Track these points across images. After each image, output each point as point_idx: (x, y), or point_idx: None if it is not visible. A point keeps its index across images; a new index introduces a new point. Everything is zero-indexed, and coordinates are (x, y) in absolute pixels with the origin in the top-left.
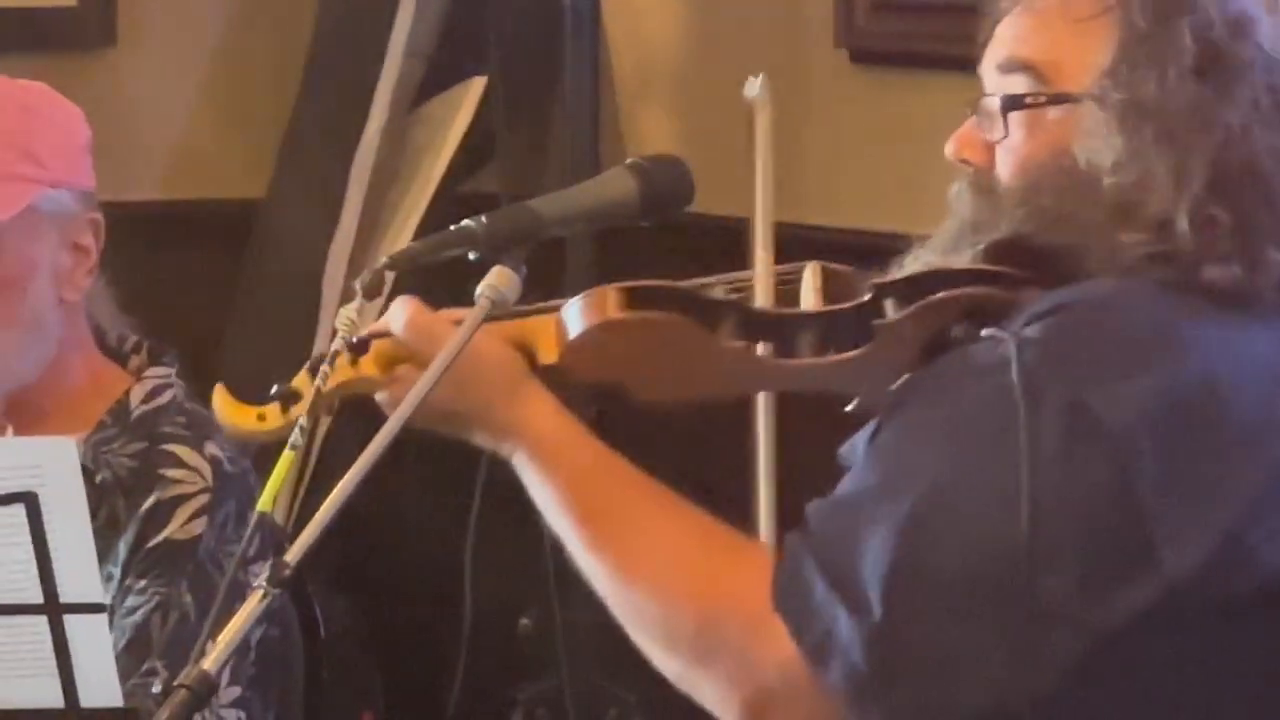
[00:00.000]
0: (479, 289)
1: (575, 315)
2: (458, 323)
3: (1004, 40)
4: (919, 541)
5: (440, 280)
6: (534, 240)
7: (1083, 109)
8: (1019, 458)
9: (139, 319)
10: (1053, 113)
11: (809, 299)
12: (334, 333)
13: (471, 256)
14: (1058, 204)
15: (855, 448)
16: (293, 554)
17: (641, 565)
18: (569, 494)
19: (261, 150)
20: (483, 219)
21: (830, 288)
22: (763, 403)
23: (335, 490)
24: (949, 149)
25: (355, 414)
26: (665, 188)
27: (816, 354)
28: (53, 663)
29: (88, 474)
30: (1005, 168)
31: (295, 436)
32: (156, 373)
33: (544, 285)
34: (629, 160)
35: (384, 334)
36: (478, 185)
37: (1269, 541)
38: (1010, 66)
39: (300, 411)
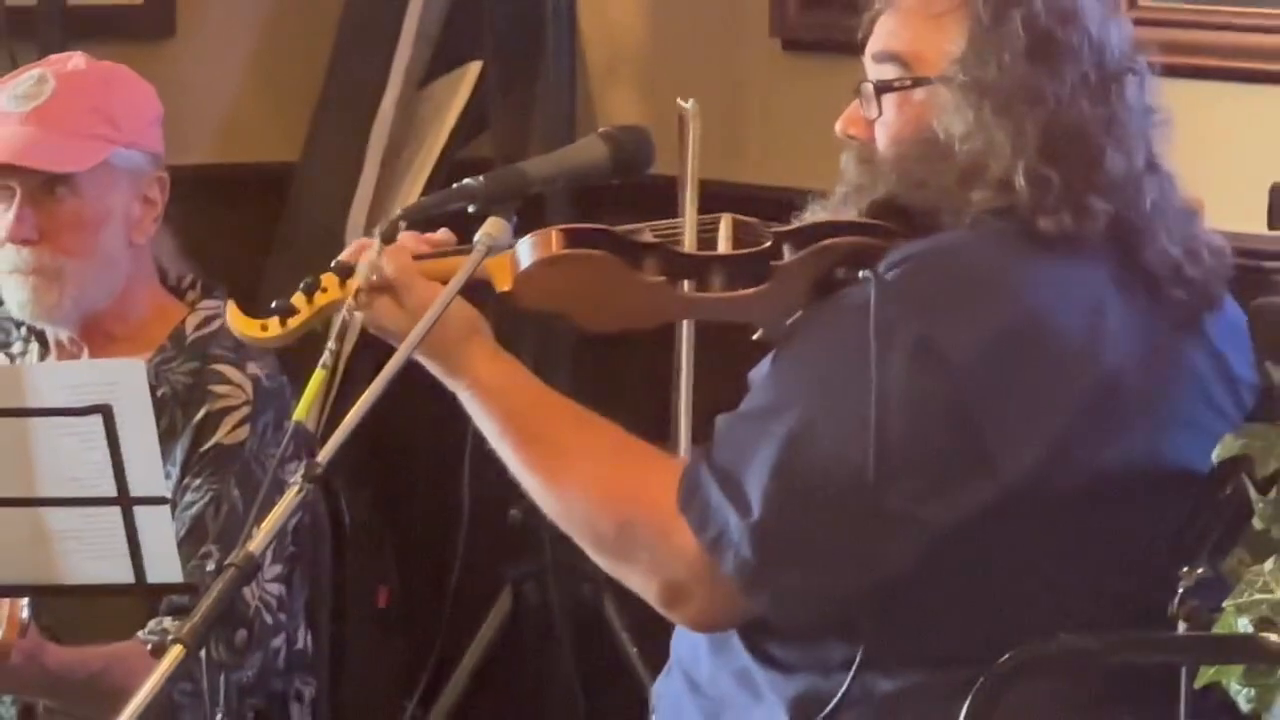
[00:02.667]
0: (477, 235)
1: (525, 250)
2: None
3: (877, 35)
4: (792, 456)
5: (443, 227)
6: (522, 195)
7: (939, 90)
8: (870, 386)
9: (193, 260)
10: (916, 94)
11: (723, 244)
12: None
13: (470, 209)
14: (920, 169)
15: (760, 371)
16: (323, 455)
17: (568, 481)
18: (507, 425)
19: (295, 122)
20: (480, 178)
21: (740, 235)
22: (683, 332)
23: (358, 402)
24: (838, 127)
25: (373, 343)
26: (631, 152)
27: (725, 289)
28: (125, 546)
29: (150, 390)
30: (881, 140)
31: (325, 357)
32: (208, 305)
33: (529, 231)
34: (600, 129)
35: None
36: (474, 151)
37: (1089, 448)
38: (882, 57)
39: (296, 323)
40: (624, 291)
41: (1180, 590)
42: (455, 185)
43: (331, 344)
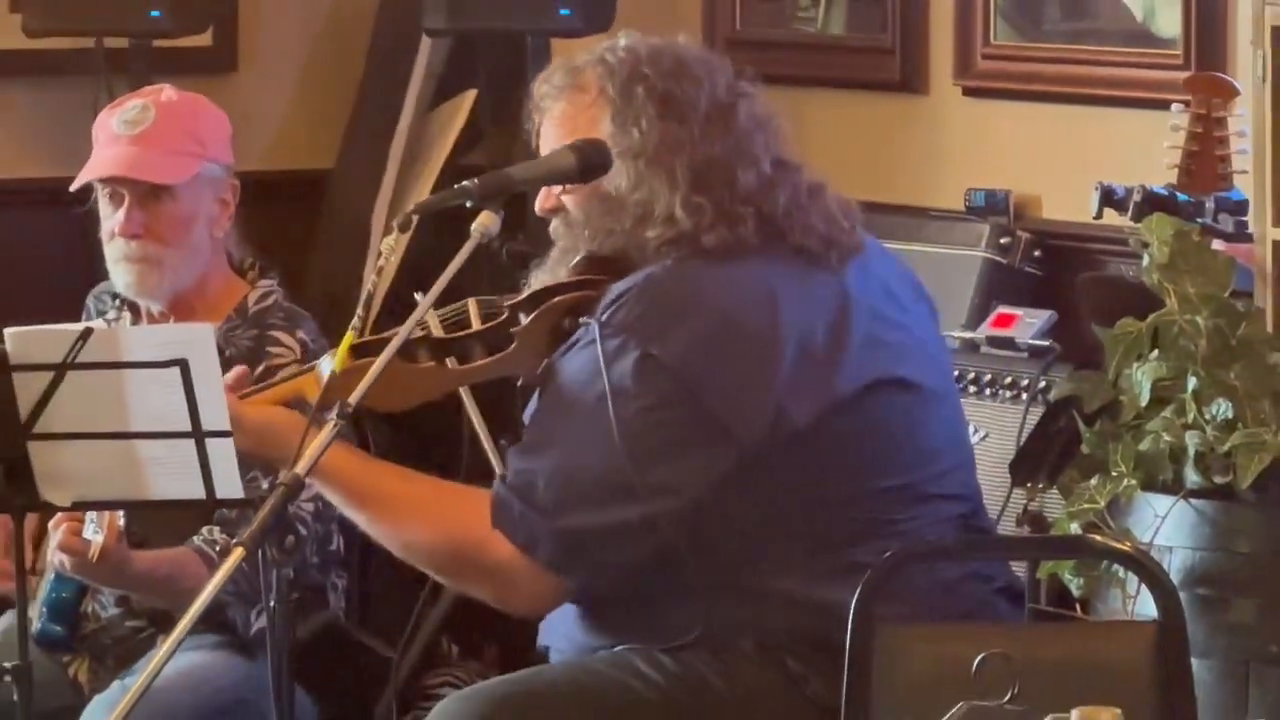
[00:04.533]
0: (473, 226)
1: (325, 366)
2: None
3: (548, 138)
4: (569, 468)
5: (447, 219)
6: (508, 194)
7: None
8: (607, 402)
9: (253, 247)
10: None
11: (474, 322)
12: (379, 254)
13: (467, 205)
14: (606, 221)
15: (530, 411)
16: (354, 397)
17: (403, 526)
18: (347, 493)
19: (331, 137)
20: (475, 181)
21: (484, 311)
22: (465, 395)
23: (379, 358)
24: (536, 208)
25: (393, 310)
26: (593, 159)
27: (483, 357)
28: (198, 469)
29: (220, 351)
30: (571, 207)
31: (355, 321)
32: (265, 284)
33: (513, 223)
34: (569, 142)
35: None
36: (471, 160)
37: (804, 396)
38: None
39: None
40: (408, 380)
41: (1025, 503)
42: (456, 186)
43: (360, 311)
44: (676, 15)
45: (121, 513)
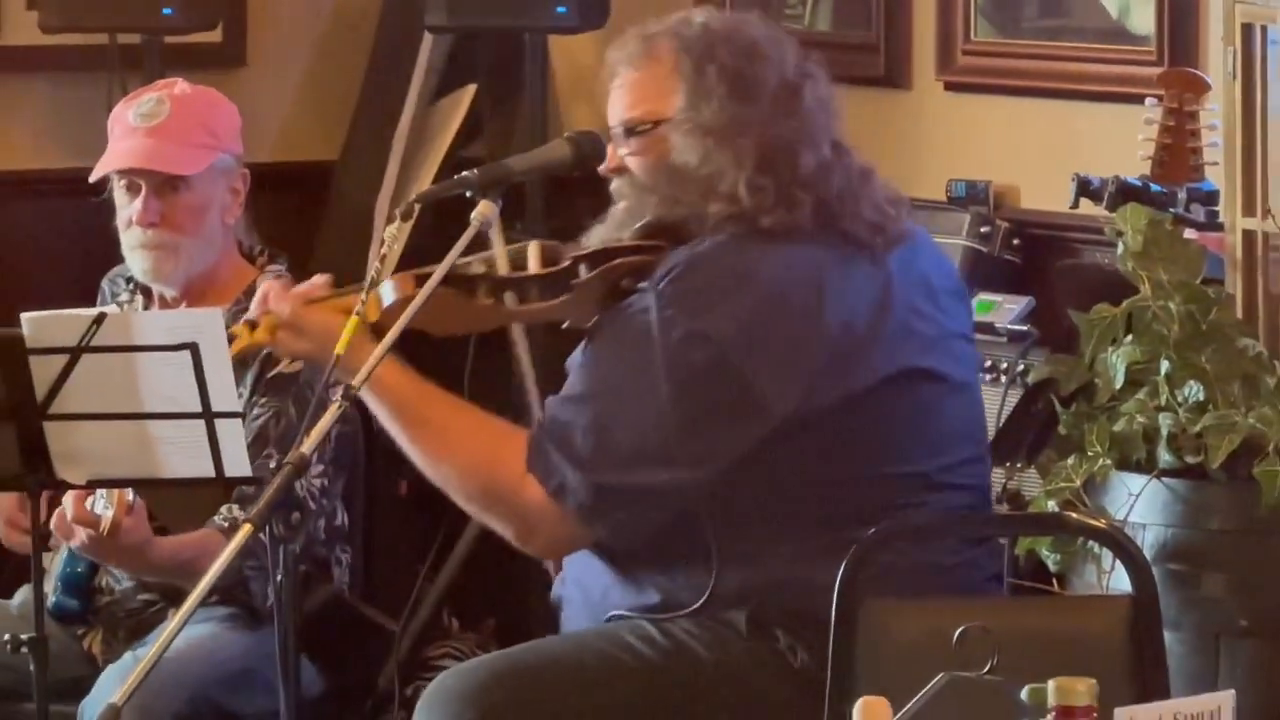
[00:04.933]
0: (472, 215)
1: (387, 292)
2: (313, 300)
3: (617, 106)
4: (607, 422)
5: (447, 208)
6: (507, 184)
7: (671, 131)
8: (657, 369)
9: (261, 233)
10: (656, 134)
11: (533, 264)
12: (382, 242)
13: (468, 194)
14: (672, 190)
15: (574, 359)
16: (357, 380)
17: (444, 454)
18: (397, 412)
19: (336, 130)
20: (474, 171)
21: (546, 256)
22: (517, 332)
23: (380, 344)
24: (601, 169)
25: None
26: (588, 150)
27: (538, 301)
28: (208, 448)
29: (228, 332)
30: (638, 171)
31: (359, 307)
32: (273, 268)
33: (511, 212)
34: (565, 134)
35: (269, 312)
36: (471, 151)
37: (838, 377)
38: (628, 117)
39: (234, 349)
40: (464, 311)
41: (1005, 481)
42: (456, 177)
43: (364, 296)
44: (669, 11)
45: (131, 490)
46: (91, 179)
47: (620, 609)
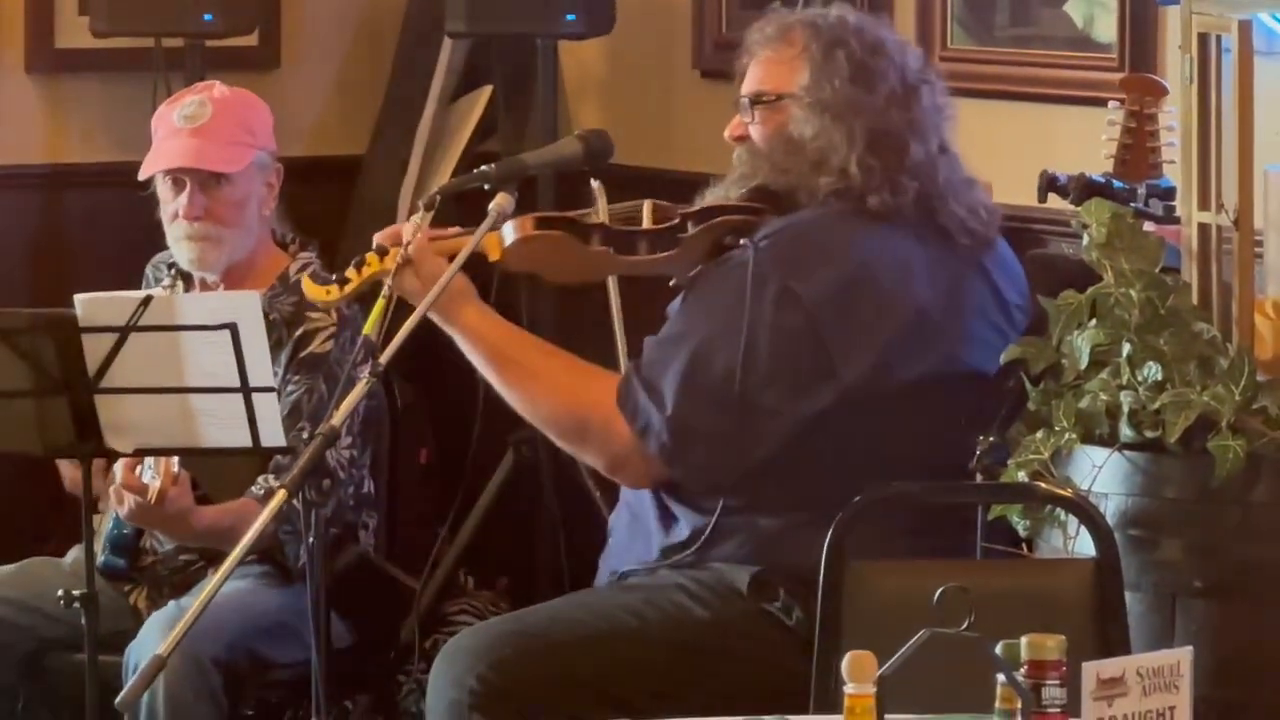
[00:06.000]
0: (490, 206)
1: (509, 231)
2: (435, 238)
3: (750, 79)
4: (693, 370)
5: (466, 200)
6: (521, 178)
7: (792, 105)
8: (743, 321)
9: (293, 223)
10: (778, 107)
11: (646, 221)
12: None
13: (485, 187)
14: (784, 160)
15: (674, 306)
16: (384, 358)
17: (538, 392)
18: (491, 355)
19: (363, 126)
20: (491, 166)
21: (657, 214)
22: (611, 287)
23: (405, 324)
24: (726, 133)
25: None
26: (598, 148)
27: (648, 254)
28: (245, 420)
29: (265, 315)
30: (757, 139)
31: (385, 290)
32: (305, 256)
33: (525, 205)
34: (576, 132)
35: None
36: (487, 147)
37: (906, 358)
38: (755, 90)
39: (350, 289)
40: (578, 258)
41: (978, 453)
42: (474, 170)
43: (390, 280)
44: (671, 19)
45: (176, 459)
46: (141, 176)
47: (654, 537)
